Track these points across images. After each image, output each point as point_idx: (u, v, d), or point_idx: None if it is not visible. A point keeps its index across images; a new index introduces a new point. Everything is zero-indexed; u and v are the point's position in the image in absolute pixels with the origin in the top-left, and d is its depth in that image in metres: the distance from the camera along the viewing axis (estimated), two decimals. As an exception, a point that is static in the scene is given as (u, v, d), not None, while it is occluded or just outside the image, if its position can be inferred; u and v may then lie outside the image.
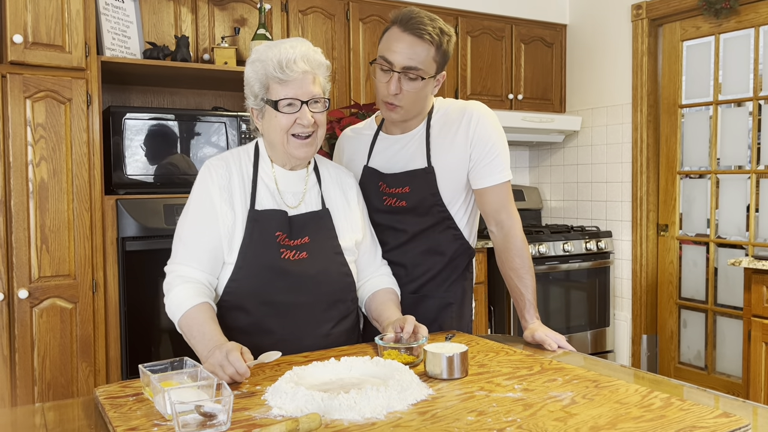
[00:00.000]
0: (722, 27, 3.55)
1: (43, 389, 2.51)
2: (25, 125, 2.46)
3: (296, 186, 1.59)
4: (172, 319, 1.49)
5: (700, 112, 3.76)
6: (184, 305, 1.45)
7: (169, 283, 1.50)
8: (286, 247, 1.51)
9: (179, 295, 1.46)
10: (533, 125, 4.00)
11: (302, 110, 1.47)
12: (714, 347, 3.71)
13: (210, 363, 1.29)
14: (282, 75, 1.45)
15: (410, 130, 1.77)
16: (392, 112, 1.69)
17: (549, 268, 3.76)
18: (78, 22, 2.55)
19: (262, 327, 1.51)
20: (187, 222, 1.53)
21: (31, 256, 2.48)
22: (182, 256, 1.51)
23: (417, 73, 1.63)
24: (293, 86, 1.46)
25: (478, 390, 1.22)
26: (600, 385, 1.23)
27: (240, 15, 3.27)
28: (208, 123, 2.93)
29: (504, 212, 1.74)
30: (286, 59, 1.45)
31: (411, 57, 1.61)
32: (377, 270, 1.71)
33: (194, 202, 1.54)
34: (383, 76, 1.66)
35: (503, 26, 4.10)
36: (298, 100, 1.47)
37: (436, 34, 1.62)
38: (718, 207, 3.68)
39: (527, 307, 1.68)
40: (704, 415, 1.07)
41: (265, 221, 1.51)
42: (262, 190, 1.55)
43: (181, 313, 1.45)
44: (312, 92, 1.48)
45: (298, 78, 1.46)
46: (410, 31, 1.61)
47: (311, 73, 1.48)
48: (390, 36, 1.64)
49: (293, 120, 1.48)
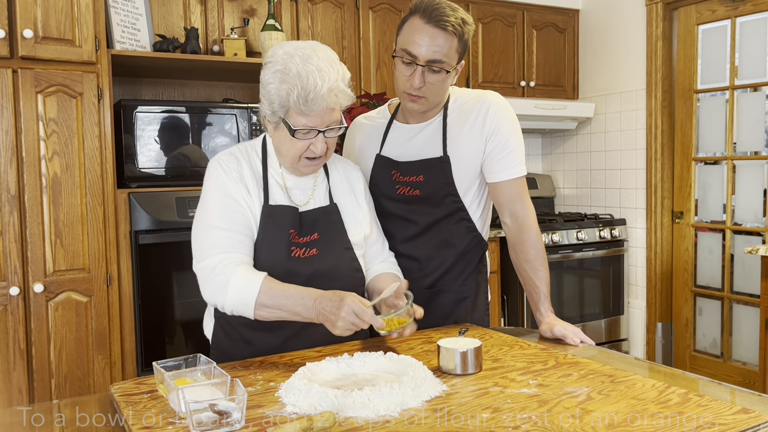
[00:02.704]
0: (738, 10, 3.49)
1: (60, 382, 2.53)
2: (37, 120, 2.46)
3: (305, 183, 1.57)
4: (243, 307, 1.40)
5: (715, 97, 3.70)
6: (255, 281, 1.39)
7: (226, 276, 1.40)
8: (296, 245, 1.50)
9: (242, 276, 1.39)
10: (546, 112, 3.96)
11: (318, 138, 1.44)
12: (730, 335, 3.68)
13: (346, 318, 1.32)
14: (305, 108, 1.39)
15: (428, 119, 1.75)
16: (415, 104, 1.67)
17: (562, 257, 3.74)
18: (87, 16, 2.54)
19: (271, 324, 1.50)
20: (214, 210, 1.47)
21: (45, 250, 2.49)
22: (221, 245, 1.43)
23: (441, 66, 1.60)
24: (314, 118, 1.41)
25: (492, 386, 1.21)
26: (616, 380, 1.22)
27: (249, 6, 3.25)
28: (219, 115, 2.92)
29: (518, 203, 1.72)
30: (314, 93, 1.37)
31: (435, 50, 1.58)
32: (384, 261, 1.69)
33: (212, 194, 1.49)
34: (406, 69, 1.63)
35: (515, 12, 4.05)
36: (316, 130, 1.43)
37: (458, 24, 1.59)
38: (734, 193, 3.64)
39: (542, 300, 1.66)
40: (723, 411, 1.06)
41: (279, 217, 1.50)
42: (273, 186, 1.54)
43: (256, 288, 1.38)
44: (331, 121, 1.44)
45: (321, 112, 1.40)
46: (433, 23, 1.57)
47: (335, 105, 1.43)
48: (412, 27, 1.60)
49: (308, 145, 1.45)
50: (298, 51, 1.41)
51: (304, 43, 1.44)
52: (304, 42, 1.46)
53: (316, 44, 1.45)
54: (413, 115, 1.75)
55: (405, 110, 1.76)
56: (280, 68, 1.40)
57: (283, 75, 1.39)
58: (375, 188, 1.76)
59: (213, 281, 1.42)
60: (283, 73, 1.39)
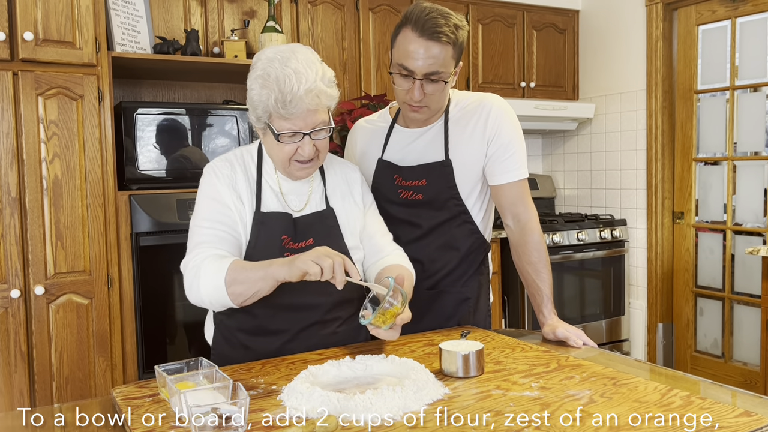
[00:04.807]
0: (738, 11, 3.49)
1: (61, 384, 2.53)
2: (37, 122, 2.46)
3: (300, 188, 1.55)
4: (216, 290, 1.36)
5: (715, 97, 3.70)
6: (224, 264, 1.36)
7: (197, 265, 1.38)
8: (290, 251, 1.48)
9: (213, 263, 1.37)
10: (546, 113, 3.96)
11: (304, 141, 1.41)
12: (731, 335, 3.68)
13: (314, 253, 1.27)
14: (284, 112, 1.37)
15: (429, 123, 1.75)
16: (417, 113, 1.67)
17: (563, 258, 3.74)
18: (88, 18, 2.54)
19: (268, 329, 1.49)
20: (202, 212, 1.47)
21: (46, 252, 2.49)
22: (200, 241, 1.43)
23: (439, 76, 1.59)
24: (296, 121, 1.38)
25: (494, 389, 1.21)
26: (618, 383, 1.22)
27: (249, 7, 3.25)
28: (220, 117, 2.92)
29: (521, 205, 1.72)
30: (291, 95, 1.35)
31: (431, 62, 1.56)
32: (390, 253, 1.62)
33: (202, 199, 1.49)
34: (404, 83, 1.61)
35: (515, 13, 4.05)
36: (301, 132, 1.40)
37: (451, 32, 1.56)
38: (734, 193, 3.63)
39: (545, 302, 1.66)
40: (725, 414, 1.06)
41: (271, 224, 1.48)
42: (266, 192, 1.52)
43: (224, 269, 1.35)
44: (315, 123, 1.40)
45: (302, 114, 1.38)
46: (427, 35, 1.55)
47: (316, 107, 1.39)
48: (405, 40, 1.58)
49: (295, 149, 1.42)
50: (277, 55, 1.39)
51: (285, 47, 1.42)
52: (286, 45, 1.44)
53: (297, 47, 1.43)
54: (415, 120, 1.75)
55: (407, 117, 1.76)
56: (260, 73, 1.39)
57: (263, 80, 1.38)
58: (377, 192, 1.75)
59: (187, 275, 1.41)
60: (263, 78, 1.38)
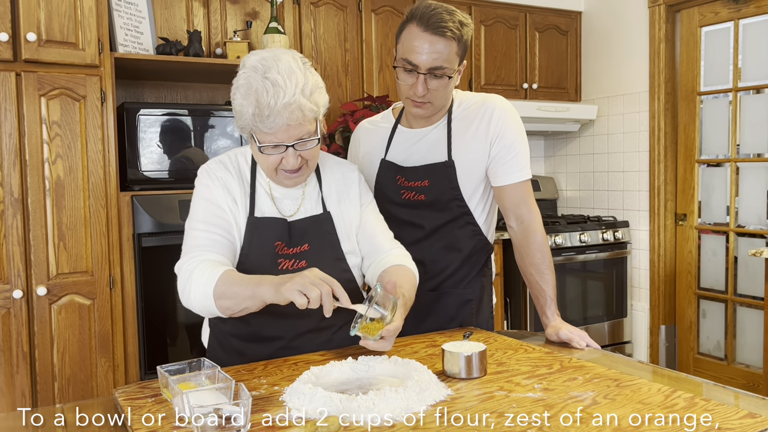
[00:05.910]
0: (741, 12, 3.48)
1: (63, 385, 2.53)
2: (40, 123, 2.47)
3: (294, 192, 1.51)
4: (204, 299, 1.33)
5: (718, 99, 3.70)
6: (216, 272, 1.32)
7: (190, 269, 1.35)
8: (284, 256, 1.46)
9: (206, 270, 1.33)
10: (548, 114, 3.96)
11: (288, 152, 1.35)
12: (734, 337, 3.67)
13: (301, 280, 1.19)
14: (262, 126, 1.31)
15: (433, 123, 1.75)
16: (420, 109, 1.67)
17: (565, 259, 3.73)
18: (91, 19, 2.55)
19: (262, 335, 1.48)
20: (197, 214, 1.45)
21: (48, 253, 2.49)
22: (195, 245, 1.40)
23: (443, 71, 1.59)
24: (277, 134, 1.33)
25: (497, 390, 1.21)
26: (621, 384, 1.22)
27: (252, 8, 3.25)
28: (222, 118, 2.92)
29: (524, 207, 1.72)
30: (269, 110, 1.28)
31: (435, 57, 1.57)
32: (390, 251, 1.57)
33: (196, 200, 1.47)
34: (408, 78, 1.62)
35: (517, 15, 4.05)
36: (284, 144, 1.34)
37: (456, 28, 1.57)
38: (737, 195, 3.63)
39: (548, 303, 1.66)
40: (729, 416, 1.05)
41: (264, 229, 1.46)
42: (261, 196, 1.49)
43: (215, 278, 1.31)
44: (300, 134, 1.34)
45: (282, 128, 1.31)
46: (432, 30, 1.55)
47: (298, 121, 1.32)
48: (410, 36, 1.59)
49: (279, 159, 1.37)
50: (260, 63, 1.33)
51: (269, 53, 1.35)
52: (270, 51, 1.36)
53: (281, 52, 1.35)
54: (418, 119, 1.74)
55: (409, 115, 1.76)
56: (243, 83, 1.33)
57: (245, 90, 1.32)
58: (380, 193, 1.75)
59: (180, 278, 1.38)
60: (245, 87, 1.32)
